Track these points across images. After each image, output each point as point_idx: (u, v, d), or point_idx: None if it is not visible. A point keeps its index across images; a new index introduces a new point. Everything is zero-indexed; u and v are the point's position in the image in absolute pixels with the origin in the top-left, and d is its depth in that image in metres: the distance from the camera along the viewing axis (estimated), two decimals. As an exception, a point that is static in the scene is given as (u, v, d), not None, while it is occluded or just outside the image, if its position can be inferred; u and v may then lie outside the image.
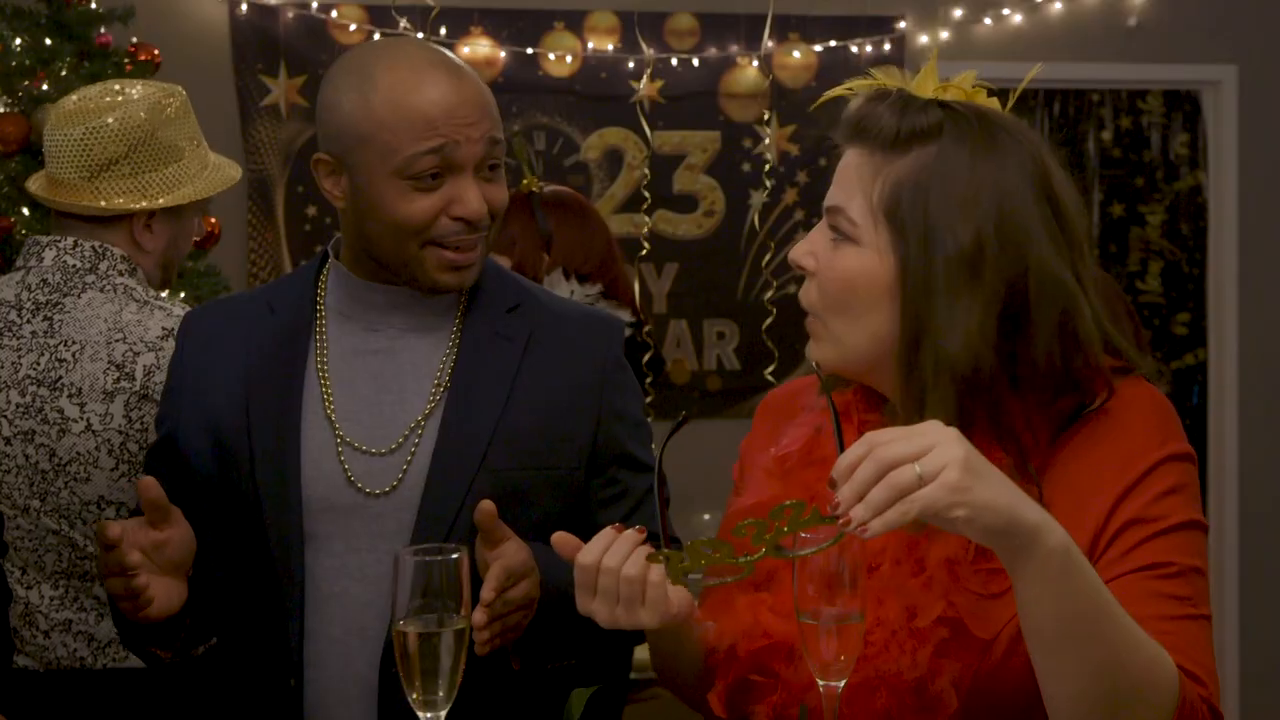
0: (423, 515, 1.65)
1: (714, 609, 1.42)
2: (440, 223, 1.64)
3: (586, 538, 1.73)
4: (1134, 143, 5.91)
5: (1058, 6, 4.91)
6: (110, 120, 2.25)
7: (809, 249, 1.41)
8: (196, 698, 2.24)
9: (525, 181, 3.00)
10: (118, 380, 2.17)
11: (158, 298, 2.28)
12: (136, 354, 2.18)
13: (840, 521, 1.17)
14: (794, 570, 1.26)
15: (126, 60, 3.50)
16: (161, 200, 2.28)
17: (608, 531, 1.33)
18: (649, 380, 3.22)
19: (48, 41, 3.38)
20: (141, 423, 2.17)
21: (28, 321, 2.23)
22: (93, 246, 2.26)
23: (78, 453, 2.18)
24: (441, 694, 1.29)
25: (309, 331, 1.73)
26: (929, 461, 1.14)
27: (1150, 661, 1.22)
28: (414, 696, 1.30)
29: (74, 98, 2.31)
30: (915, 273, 1.33)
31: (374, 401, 1.70)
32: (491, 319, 1.75)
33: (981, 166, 1.34)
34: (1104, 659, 1.20)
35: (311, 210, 4.58)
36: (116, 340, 2.19)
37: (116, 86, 2.31)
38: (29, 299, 2.24)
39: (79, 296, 2.22)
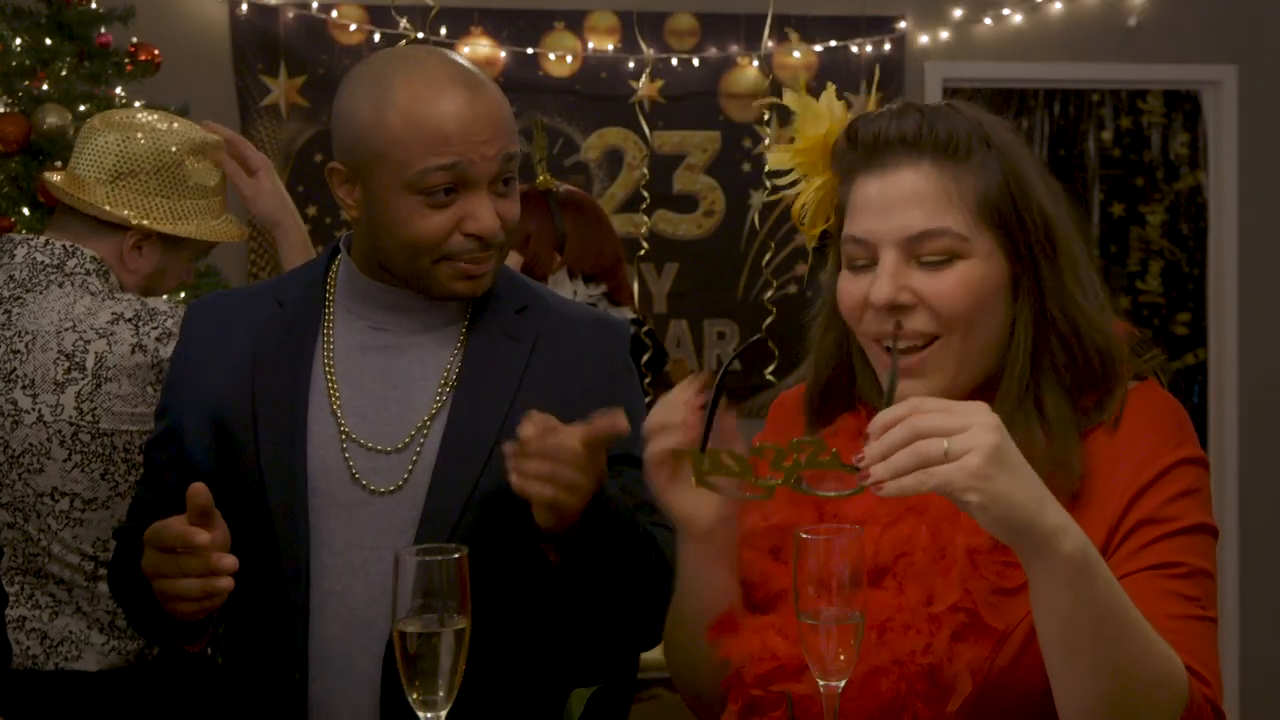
0: (427, 514, 1.65)
1: (722, 632, 1.42)
2: (453, 239, 1.65)
3: None
4: (1134, 143, 5.91)
5: (1058, 6, 4.91)
6: (143, 138, 2.30)
7: (902, 283, 1.35)
8: (167, 695, 2.24)
9: (540, 179, 3.01)
10: (68, 371, 2.17)
11: (117, 291, 2.28)
12: (87, 342, 2.18)
13: (859, 474, 1.18)
14: (794, 569, 1.26)
15: (127, 60, 3.50)
16: (162, 225, 2.29)
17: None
18: (647, 380, 3.23)
19: (48, 41, 3.38)
20: (93, 414, 2.17)
21: None
22: (63, 245, 2.26)
23: (30, 444, 2.18)
24: (441, 694, 1.29)
25: (316, 325, 1.73)
26: (959, 441, 1.14)
27: (1162, 664, 1.23)
28: (414, 697, 1.29)
29: (123, 111, 2.38)
30: (1045, 255, 1.37)
31: (380, 398, 1.70)
32: (500, 320, 1.75)
33: (1028, 154, 1.39)
34: (1116, 664, 1.20)
35: (311, 210, 4.58)
36: (66, 330, 2.19)
37: (166, 116, 2.38)
38: None
39: (42, 292, 2.23)
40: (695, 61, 4.75)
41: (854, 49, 4.79)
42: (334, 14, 4.55)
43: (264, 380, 1.70)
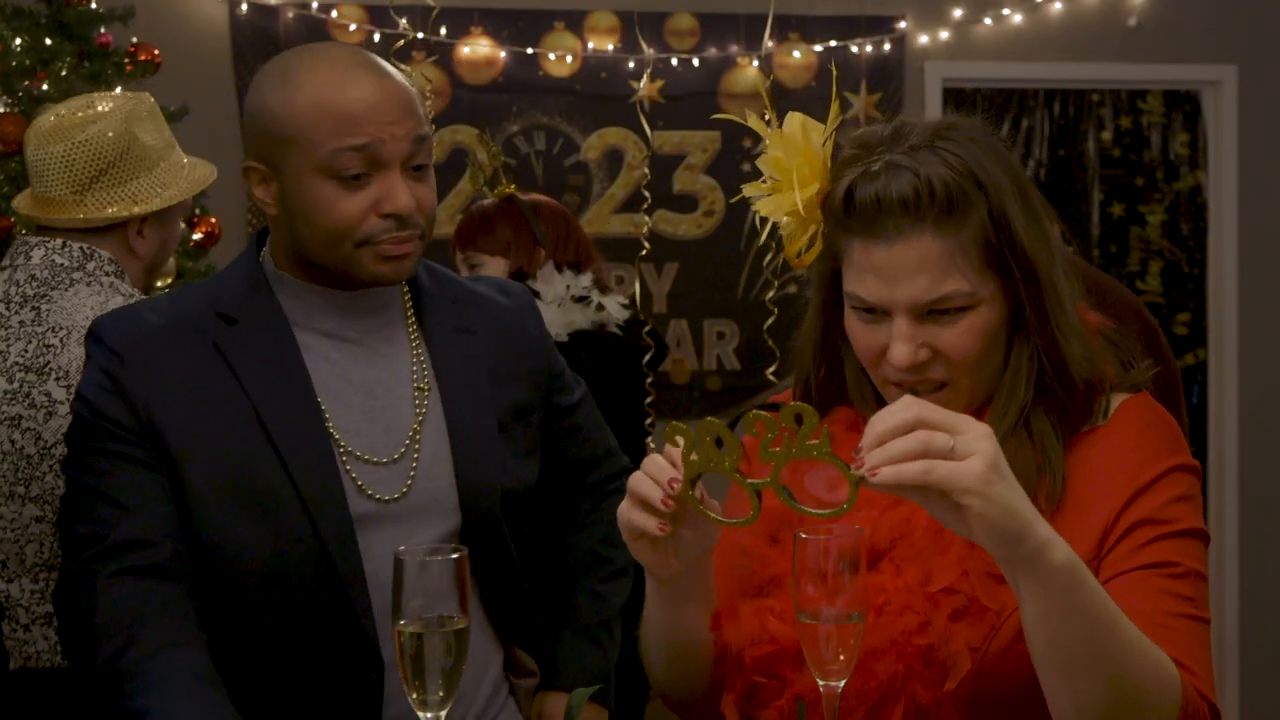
0: (467, 526, 1.70)
1: (721, 618, 1.42)
2: (370, 222, 1.63)
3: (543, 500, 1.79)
4: (1134, 143, 5.91)
5: (1058, 6, 4.91)
6: (90, 135, 2.29)
7: (919, 343, 1.36)
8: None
9: (500, 188, 3.15)
10: None
11: (139, 293, 2.31)
12: None
13: (854, 462, 1.16)
14: (794, 569, 1.26)
15: (126, 60, 3.50)
16: (152, 204, 2.30)
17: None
18: (649, 380, 3.23)
19: (48, 41, 3.38)
20: None
21: (15, 313, 2.25)
22: (81, 247, 2.29)
23: (63, 435, 2.18)
24: (440, 694, 1.29)
25: (289, 341, 1.69)
26: (965, 442, 1.14)
27: (1155, 667, 1.23)
28: (413, 696, 1.29)
29: (50, 117, 2.35)
30: (1032, 298, 1.37)
31: (365, 409, 1.69)
32: (442, 315, 1.78)
33: (1009, 183, 1.37)
34: (1110, 670, 1.20)
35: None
36: None
37: (88, 102, 2.36)
38: (16, 293, 2.26)
39: (67, 290, 2.24)
40: (695, 61, 4.76)
41: (854, 49, 4.79)
42: (334, 14, 4.55)
43: (272, 414, 1.64)
